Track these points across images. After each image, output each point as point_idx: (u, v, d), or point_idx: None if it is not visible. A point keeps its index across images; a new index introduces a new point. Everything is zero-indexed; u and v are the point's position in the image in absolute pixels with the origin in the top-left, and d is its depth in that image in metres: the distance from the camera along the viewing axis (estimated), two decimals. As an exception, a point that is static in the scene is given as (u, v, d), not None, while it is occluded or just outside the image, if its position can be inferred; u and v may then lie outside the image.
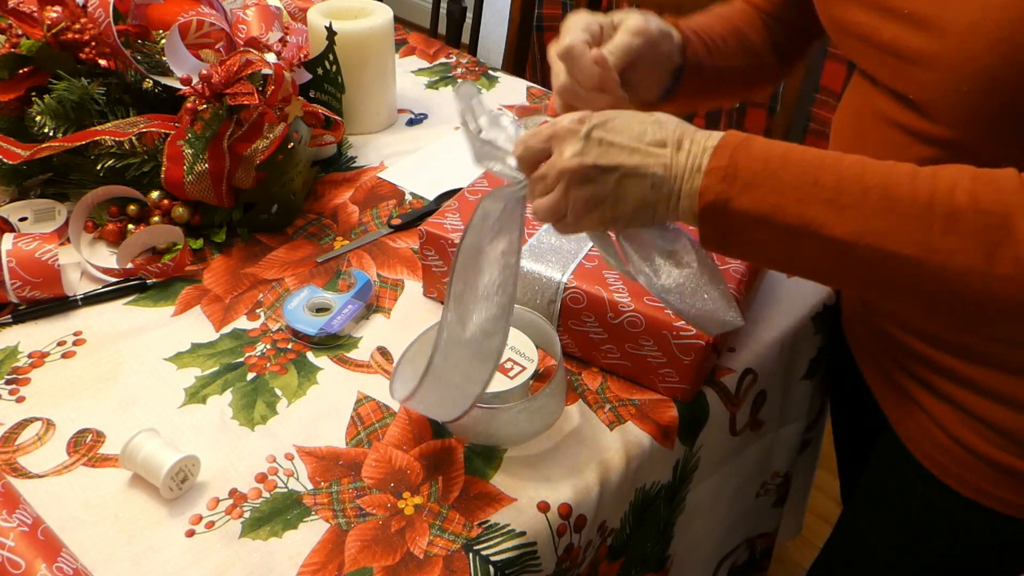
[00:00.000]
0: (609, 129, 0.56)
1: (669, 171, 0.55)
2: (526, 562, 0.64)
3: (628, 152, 0.56)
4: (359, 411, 0.73)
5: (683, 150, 0.55)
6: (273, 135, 0.88)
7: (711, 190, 0.53)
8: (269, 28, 1.05)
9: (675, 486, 0.78)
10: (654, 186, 0.55)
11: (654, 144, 0.55)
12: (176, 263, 0.86)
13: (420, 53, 1.40)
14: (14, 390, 0.74)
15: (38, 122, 0.90)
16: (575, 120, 0.57)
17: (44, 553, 0.56)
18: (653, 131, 0.56)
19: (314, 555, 0.61)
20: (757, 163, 0.53)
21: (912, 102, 0.60)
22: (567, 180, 0.57)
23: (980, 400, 0.65)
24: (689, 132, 0.56)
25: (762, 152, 0.53)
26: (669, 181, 0.55)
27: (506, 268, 0.62)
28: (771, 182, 0.52)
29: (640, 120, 0.57)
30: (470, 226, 0.61)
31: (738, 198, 0.53)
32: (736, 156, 0.53)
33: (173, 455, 0.64)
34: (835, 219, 0.51)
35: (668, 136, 0.56)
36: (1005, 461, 0.65)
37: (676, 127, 0.56)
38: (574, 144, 0.56)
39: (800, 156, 0.53)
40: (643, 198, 0.56)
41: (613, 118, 0.57)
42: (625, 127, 0.56)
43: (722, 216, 0.54)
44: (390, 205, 1.00)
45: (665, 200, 0.56)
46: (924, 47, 0.56)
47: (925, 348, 0.68)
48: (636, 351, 0.73)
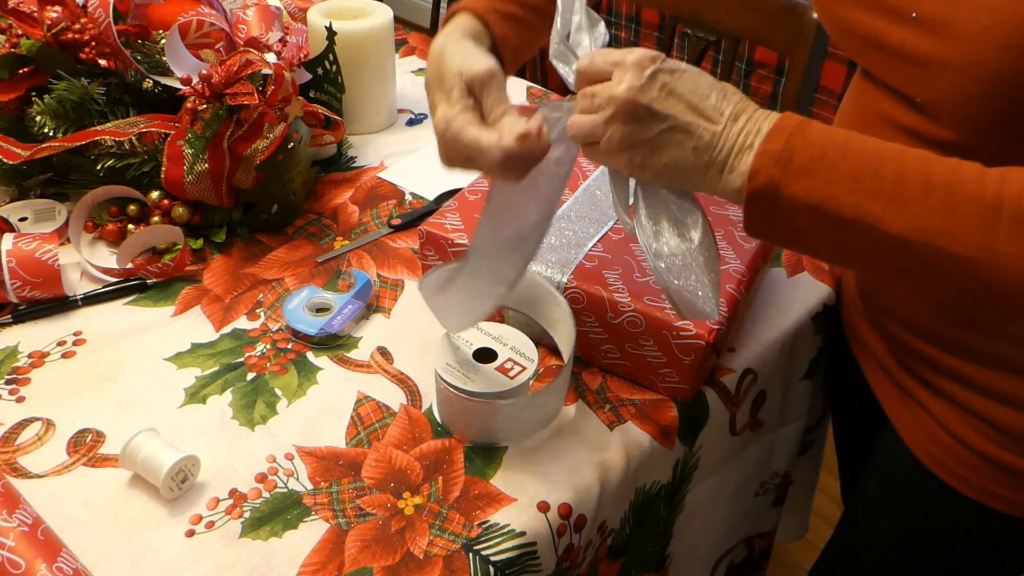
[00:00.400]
0: (676, 78, 0.54)
1: (716, 140, 0.53)
2: (526, 562, 0.64)
3: (684, 107, 0.54)
4: (359, 411, 0.73)
5: (738, 123, 0.53)
6: (273, 135, 0.88)
7: (762, 173, 0.51)
8: (269, 28, 1.05)
9: (675, 486, 0.78)
10: (695, 150, 0.54)
11: (713, 109, 0.54)
12: (176, 263, 0.86)
13: (420, 53, 1.40)
14: (14, 390, 0.74)
15: (38, 122, 0.90)
16: (648, 56, 0.54)
17: (44, 553, 0.56)
18: (717, 97, 0.54)
19: (314, 555, 0.61)
20: (814, 149, 0.51)
21: (918, 104, 0.59)
22: (614, 109, 0.54)
23: (982, 399, 0.65)
24: (750, 109, 0.54)
25: (820, 138, 0.51)
26: (712, 151, 0.53)
27: (555, 177, 0.60)
28: (827, 170, 0.50)
29: (708, 82, 0.55)
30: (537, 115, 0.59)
31: (791, 184, 0.51)
32: (792, 140, 0.51)
33: (173, 455, 0.64)
34: (893, 214, 0.49)
35: (728, 108, 0.54)
36: (1007, 460, 0.65)
37: (740, 101, 0.54)
38: (636, 77, 0.54)
39: (861, 145, 0.51)
40: (679, 158, 0.54)
41: (685, 70, 0.55)
42: (692, 83, 0.54)
43: (772, 201, 0.52)
44: (390, 205, 1.00)
45: (702, 170, 0.54)
46: (932, 50, 0.55)
47: (927, 347, 0.68)
48: (636, 351, 0.73)
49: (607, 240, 0.78)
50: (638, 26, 2.24)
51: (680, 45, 2.05)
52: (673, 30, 1.44)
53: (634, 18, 2.20)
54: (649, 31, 2.22)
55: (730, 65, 1.37)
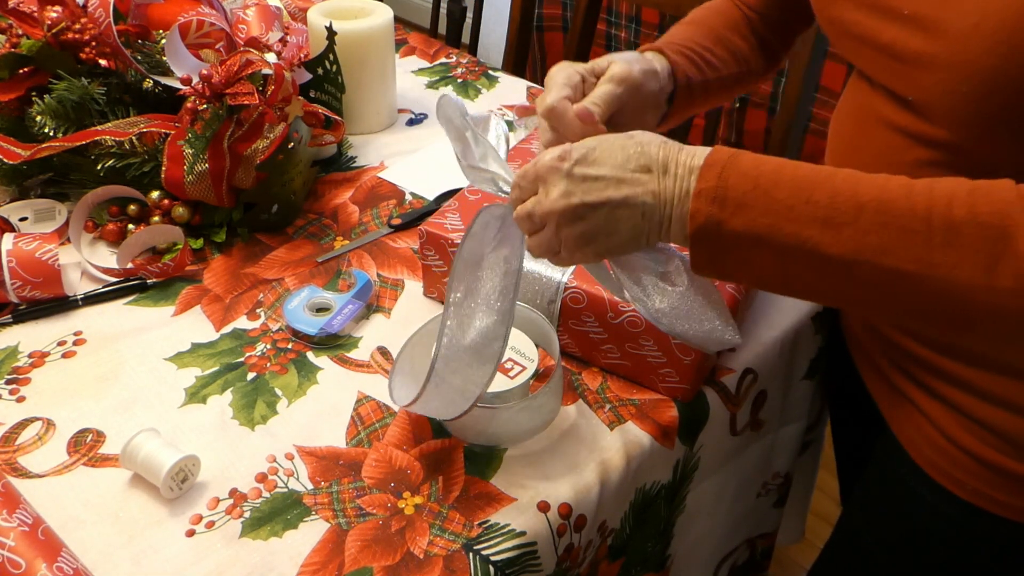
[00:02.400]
0: (591, 162, 0.55)
1: (659, 198, 0.54)
2: (526, 562, 0.64)
3: (615, 184, 0.55)
4: (359, 411, 0.73)
5: (669, 174, 0.54)
6: (273, 135, 0.88)
7: (701, 212, 0.52)
8: (269, 28, 1.05)
9: (675, 486, 0.78)
10: (644, 215, 0.55)
11: (639, 170, 0.55)
12: (176, 263, 0.86)
13: (420, 53, 1.40)
14: (14, 390, 0.74)
15: (38, 122, 0.90)
16: (555, 158, 0.56)
17: (44, 553, 0.56)
18: (636, 157, 0.55)
19: (314, 555, 0.61)
20: (747, 181, 0.52)
21: (910, 103, 0.60)
22: (556, 220, 0.56)
23: (977, 402, 0.65)
24: (672, 153, 0.55)
25: (752, 169, 0.52)
26: (659, 208, 0.54)
27: (508, 275, 0.62)
28: (763, 201, 0.51)
29: (622, 147, 0.56)
30: (470, 233, 0.61)
31: (730, 219, 0.52)
32: (725, 175, 0.52)
33: (173, 455, 0.64)
34: (831, 237, 0.50)
35: (652, 161, 0.55)
36: (1002, 463, 0.65)
37: (659, 149, 0.55)
38: (559, 183, 0.56)
39: (792, 173, 0.52)
40: (635, 227, 0.56)
41: (593, 148, 0.56)
42: (608, 157, 0.55)
43: (715, 238, 0.53)
44: (390, 205, 1.00)
45: (657, 227, 0.55)
46: (923, 48, 0.56)
47: (922, 350, 0.68)
48: (636, 351, 0.73)
49: (607, 240, 0.78)
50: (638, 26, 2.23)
51: (680, 45, 2.04)
52: (673, 30, 1.43)
53: (634, 18, 2.20)
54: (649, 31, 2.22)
55: (730, 65, 1.36)
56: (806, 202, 0.50)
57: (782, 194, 0.51)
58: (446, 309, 0.62)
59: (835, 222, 0.50)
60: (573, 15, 1.54)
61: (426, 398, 0.63)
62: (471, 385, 0.62)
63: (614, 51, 0.72)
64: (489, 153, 0.64)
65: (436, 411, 0.67)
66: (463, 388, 0.63)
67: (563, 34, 2.36)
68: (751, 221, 0.51)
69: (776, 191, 0.51)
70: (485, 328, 0.62)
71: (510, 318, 0.62)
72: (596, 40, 2.24)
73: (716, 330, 0.59)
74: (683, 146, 0.56)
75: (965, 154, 0.57)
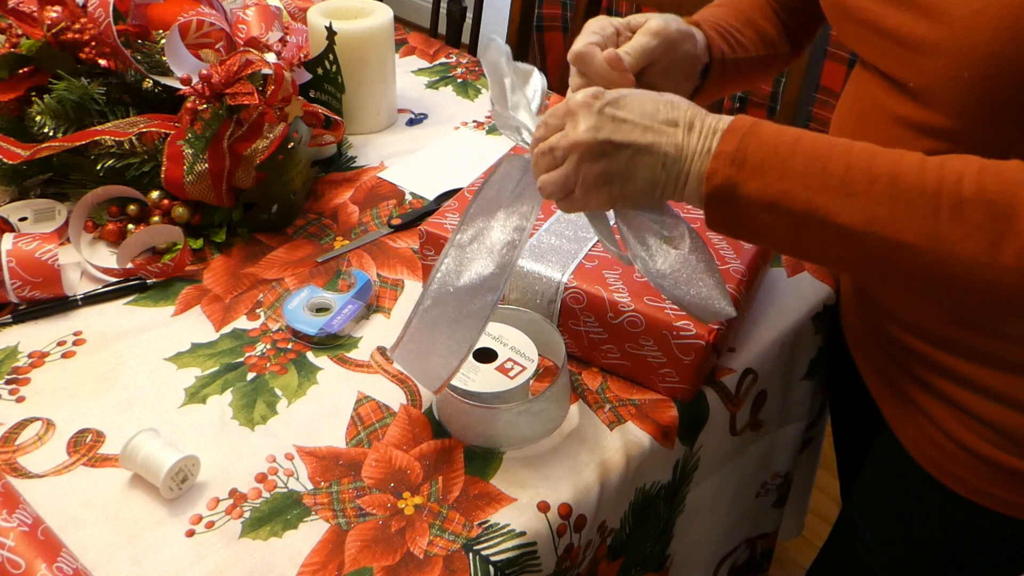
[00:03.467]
0: (622, 106, 0.56)
1: (681, 151, 0.55)
2: (526, 562, 0.64)
3: (641, 130, 0.56)
4: (359, 411, 0.73)
5: (694, 131, 0.55)
6: (273, 135, 0.88)
7: (719, 174, 0.54)
8: (269, 28, 1.05)
9: (675, 486, 0.78)
10: (665, 165, 0.56)
11: (666, 123, 0.56)
12: (176, 263, 0.86)
13: (420, 53, 1.40)
14: (14, 390, 0.74)
15: (38, 122, 0.90)
16: (589, 95, 0.57)
17: (44, 553, 0.56)
18: (666, 110, 0.56)
19: (314, 555, 0.61)
20: (766, 149, 0.53)
21: (912, 90, 0.60)
22: (579, 154, 0.57)
23: (977, 399, 0.65)
24: (700, 114, 0.56)
25: (772, 138, 0.53)
26: (680, 161, 0.55)
27: (519, 230, 0.62)
28: (780, 168, 0.52)
29: (652, 99, 0.57)
30: (491, 179, 0.62)
31: (746, 183, 0.53)
32: (746, 141, 0.53)
33: (173, 455, 0.64)
34: (842, 206, 0.51)
35: (680, 116, 0.56)
36: (1002, 460, 0.65)
37: (688, 108, 0.56)
38: (588, 118, 0.56)
39: (810, 144, 0.53)
40: (653, 177, 0.56)
41: (625, 95, 0.57)
42: (638, 105, 0.57)
43: (729, 200, 0.54)
44: (390, 205, 1.00)
45: (674, 181, 0.56)
46: (927, 34, 0.56)
47: (922, 346, 0.68)
48: (636, 351, 0.73)
49: (607, 240, 0.78)
50: (638, 26, 2.23)
51: (680, 45, 2.04)
52: (673, 30, 1.43)
53: (634, 18, 2.20)
54: (649, 31, 2.21)
55: (730, 65, 1.36)
56: (821, 171, 0.52)
57: (798, 162, 0.52)
58: (447, 248, 0.61)
59: (847, 192, 0.51)
60: (573, 15, 1.54)
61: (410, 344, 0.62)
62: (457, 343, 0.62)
63: (614, 51, 0.73)
64: (521, 103, 0.63)
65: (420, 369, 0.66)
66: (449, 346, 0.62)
67: (563, 34, 2.36)
68: (766, 186, 0.53)
69: (793, 159, 0.53)
70: (482, 277, 0.62)
71: (508, 275, 0.62)
72: (596, 40, 2.24)
73: (713, 299, 0.59)
74: (709, 112, 0.57)
75: (967, 142, 0.57)
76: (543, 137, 0.59)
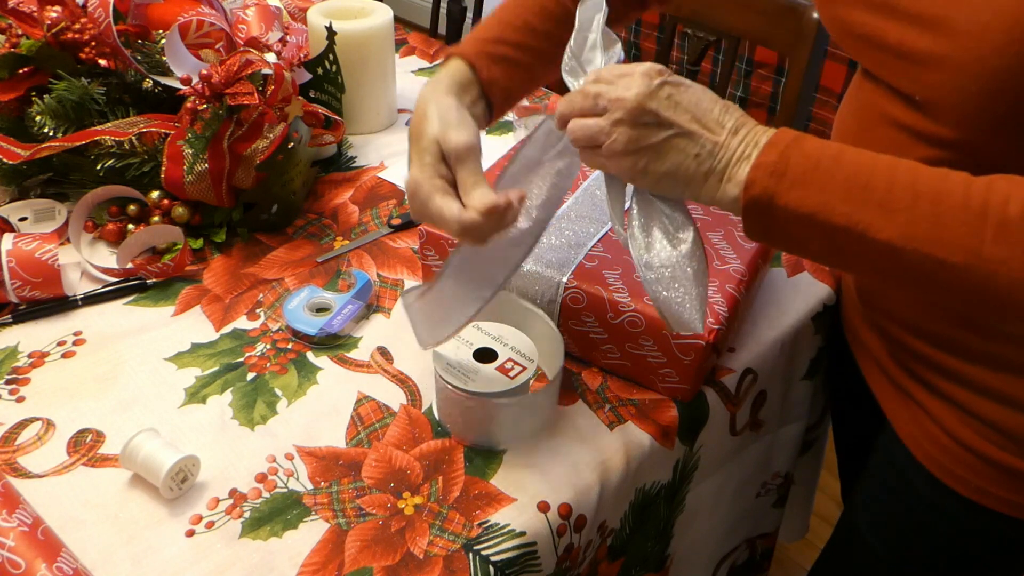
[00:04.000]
0: (682, 91, 0.56)
1: (717, 150, 0.55)
2: (526, 562, 0.64)
3: (689, 117, 0.56)
4: (359, 411, 0.73)
5: (737, 136, 0.55)
6: (273, 135, 0.88)
7: (758, 184, 0.53)
8: (269, 28, 1.05)
9: (675, 486, 0.78)
10: (698, 157, 0.56)
11: (715, 122, 0.56)
12: (176, 263, 0.86)
13: (420, 53, 1.40)
14: (14, 390, 0.74)
15: (38, 122, 0.90)
16: (656, 69, 0.57)
17: (44, 553, 0.56)
18: (720, 111, 0.56)
19: (314, 555, 0.61)
20: (808, 161, 0.53)
21: (917, 102, 0.59)
22: (622, 113, 0.56)
23: (980, 399, 0.65)
24: (749, 124, 0.56)
25: (814, 151, 0.53)
26: (713, 159, 0.55)
27: (555, 187, 0.62)
28: (820, 181, 0.52)
29: (711, 97, 0.57)
30: (532, 138, 0.61)
31: (785, 195, 0.53)
32: (788, 153, 0.53)
33: (173, 455, 0.64)
34: (883, 222, 0.51)
35: (730, 121, 0.56)
36: (1005, 461, 0.65)
37: (740, 116, 0.57)
38: (644, 84, 0.56)
39: (853, 158, 0.53)
40: (682, 164, 0.56)
41: (690, 85, 0.57)
42: (696, 97, 0.57)
43: (767, 210, 0.54)
44: (390, 205, 1.00)
45: (702, 178, 0.56)
46: (932, 47, 0.56)
47: (925, 347, 0.68)
48: (636, 351, 0.73)
49: (607, 240, 0.78)
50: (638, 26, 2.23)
51: (680, 45, 2.04)
52: (673, 30, 1.44)
53: (634, 18, 2.20)
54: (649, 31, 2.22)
55: (730, 65, 1.36)
56: (863, 186, 0.52)
57: (840, 175, 0.52)
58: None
59: (889, 208, 0.51)
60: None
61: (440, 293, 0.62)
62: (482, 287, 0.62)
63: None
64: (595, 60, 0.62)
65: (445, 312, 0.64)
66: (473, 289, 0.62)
67: (563, 34, 2.35)
68: (805, 198, 0.52)
69: (835, 172, 0.52)
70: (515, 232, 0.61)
71: (541, 230, 0.62)
72: (596, 40, 2.24)
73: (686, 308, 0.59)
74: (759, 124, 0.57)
75: (971, 152, 0.57)
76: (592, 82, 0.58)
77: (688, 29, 1.38)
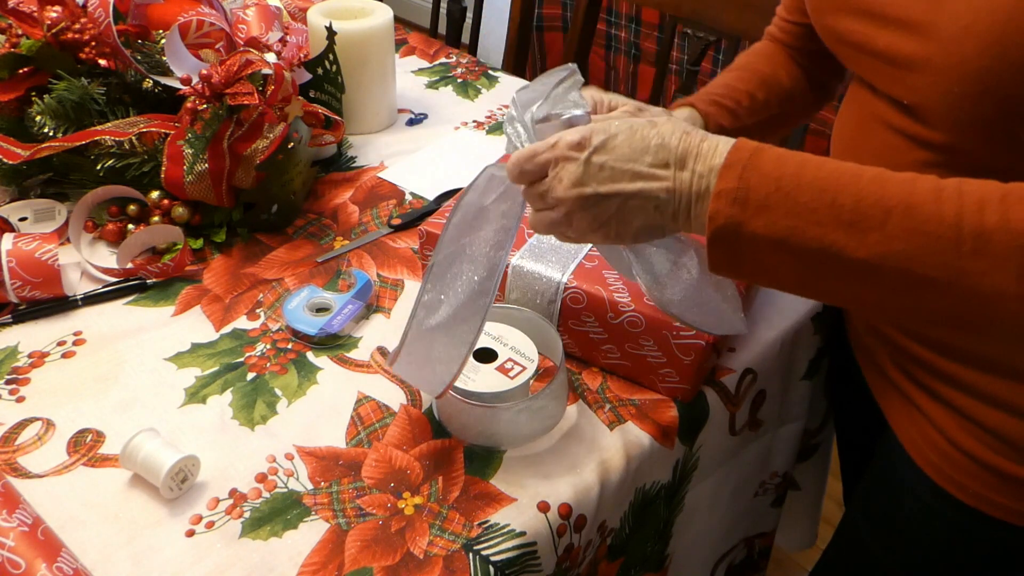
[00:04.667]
0: (609, 152, 0.55)
1: (673, 194, 0.54)
2: (526, 562, 0.64)
3: (630, 176, 0.54)
4: (359, 411, 0.73)
5: (687, 170, 0.53)
6: (273, 135, 0.88)
7: (721, 214, 0.51)
8: (269, 28, 1.05)
9: (675, 486, 0.78)
10: (658, 208, 0.55)
11: (655, 165, 0.54)
12: (176, 263, 0.86)
13: (420, 53, 1.40)
14: (14, 390, 0.74)
15: (38, 122, 0.90)
16: (575, 141, 0.56)
17: (44, 553, 0.56)
18: (655, 151, 0.54)
19: (314, 555, 0.61)
20: (769, 182, 0.51)
21: (906, 107, 0.60)
22: (567, 207, 0.56)
23: (980, 405, 0.65)
24: (693, 148, 0.54)
25: (774, 170, 0.51)
26: (673, 202, 0.54)
27: (502, 230, 0.62)
28: (785, 203, 0.50)
29: (642, 138, 0.55)
30: (473, 186, 0.61)
31: (751, 221, 0.51)
32: (746, 176, 0.51)
33: (173, 455, 0.64)
34: (856, 242, 0.49)
35: (670, 156, 0.54)
36: (1005, 467, 0.65)
37: (679, 143, 0.54)
38: (573, 171, 0.55)
39: (815, 173, 0.51)
40: (647, 220, 0.56)
41: (613, 136, 0.55)
42: (626, 147, 0.55)
43: (734, 240, 0.52)
44: (390, 205, 1.00)
45: (672, 218, 0.55)
46: (916, 52, 0.56)
47: (926, 352, 0.68)
48: (636, 351, 0.73)
49: (607, 240, 0.78)
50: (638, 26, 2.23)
51: (680, 45, 2.04)
52: (673, 30, 1.44)
53: (634, 18, 2.20)
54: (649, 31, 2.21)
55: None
56: (830, 205, 0.49)
57: (805, 196, 0.50)
58: (434, 256, 0.62)
59: (861, 227, 0.49)
60: (573, 15, 1.54)
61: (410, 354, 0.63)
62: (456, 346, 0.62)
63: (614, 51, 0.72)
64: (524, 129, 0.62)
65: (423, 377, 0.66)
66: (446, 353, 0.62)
67: (563, 34, 2.36)
68: (772, 223, 0.50)
69: (799, 193, 0.50)
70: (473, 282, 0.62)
71: (499, 273, 0.62)
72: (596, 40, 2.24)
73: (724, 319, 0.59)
74: (705, 135, 0.55)
75: (964, 156, 0.58)
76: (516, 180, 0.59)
77: (688, 29, 1.38)
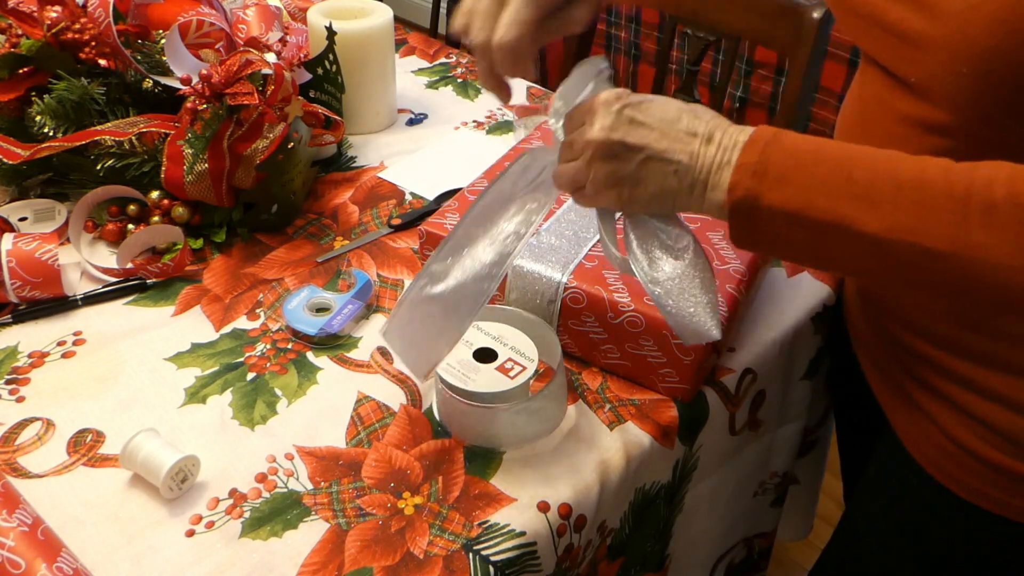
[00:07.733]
0: (643, 110, 0.56)
1: (695, 161, 0.55)
2: (526, 562, 0.64)
3: (657, 135, 0.56)
4: (359, 411, 0.73)
5: (713, 142, 0.55)
6: (273, 135, 0.88)
7: (741, 186, 0.53)
8: (269, 28, 1.05)
9: (675, 486, 0.78)
10: (677, 173, 0.56)
11: (685, 132, 0.56)
12: (176, 263, 0.86)
13: (420, 53, 1.40)
14: (14, 390, 0.74)
15: (38, 122, 0.90)
16: (613, 95, 0.57)
17: (44, 553, 0.56)
18: (687, 120, 0.56)
19: (314, 555, 0.61)
20: (788, 158, 0.53)
21: (913, 86, 0.59)
22: (592, 152, 0.57)
23: (981, 402, 0.65)
24: (722, 126, 0.56)
25: (794, 147, 0.53)
26: (693, 171, 0.55)
27: (524, 223, 0.62)
28: (802, 177, 0.52)
29: (676, 107, 0.57)
30: (507, 172, 0.61)
31: (768, 193, 0.53)
32: (768, 151, 0.53)
33: (173, 455, 0.64)
34: (868, 215, 0.50)
35: (701, 128, 0.56)
36: (1006, 464, 0.65)
37: (711, 119, 0.56)
38: (605, 117, 0.56)
39: (833, 152, 0.53)
40: (664, 184, 0.56)
41: (650, 100, 0.57)
42: (660, 111, 0.57)
43: (752, 212, 0.53)
44: (390, 205, 1.00)
45: (687, 191, 0.56)
46: (925, 28, 0.56)
47: (927, 348, 0.68)
48: (636, 351, 0.73)
49: (607, 240, 0.78)
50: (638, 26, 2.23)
51: (680, 45, 2.04)
52: (673, 30, 1.44)
53: (634, 18, 2.20)
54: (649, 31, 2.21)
55: (730, 65, 1.37)
56: (846, 179, 0.51)
57: (822, 170, 0.52)
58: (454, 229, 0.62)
59: (872, 200, 0.50)
60: (573, 15, 1.54)
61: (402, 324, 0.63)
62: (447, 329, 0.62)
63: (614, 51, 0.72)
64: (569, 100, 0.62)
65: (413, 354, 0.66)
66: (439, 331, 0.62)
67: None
68: (789, 196, 0.52)
69: (816, 167, 0.52)
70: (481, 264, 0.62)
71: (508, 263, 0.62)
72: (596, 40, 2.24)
73: (699, 319, 0.59)
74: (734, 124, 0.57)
75: (970, 140, 0.57)
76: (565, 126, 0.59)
77: (688, 29, 1.38)
